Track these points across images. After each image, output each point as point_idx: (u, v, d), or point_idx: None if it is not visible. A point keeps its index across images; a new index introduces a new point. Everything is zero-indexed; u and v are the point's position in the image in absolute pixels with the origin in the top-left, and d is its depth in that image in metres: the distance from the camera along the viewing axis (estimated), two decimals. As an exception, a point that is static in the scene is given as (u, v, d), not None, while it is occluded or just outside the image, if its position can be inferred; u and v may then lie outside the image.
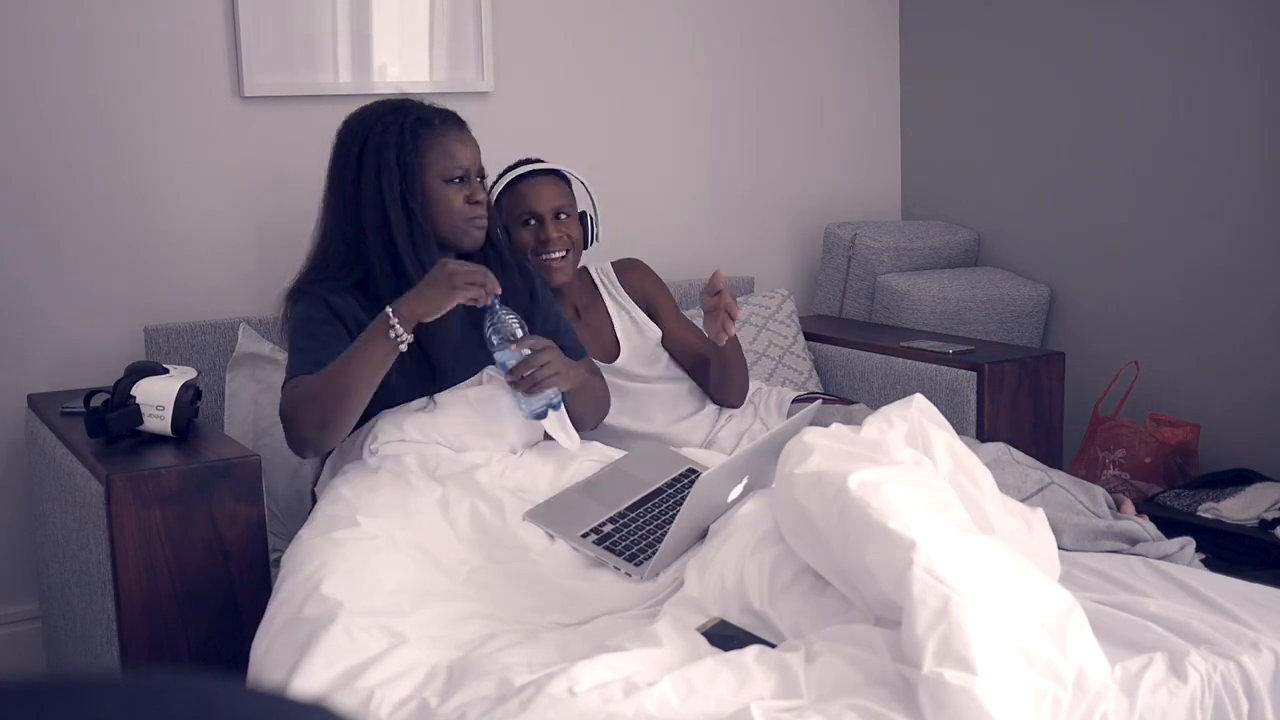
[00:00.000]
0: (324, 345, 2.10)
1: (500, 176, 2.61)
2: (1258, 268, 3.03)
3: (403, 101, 2.24)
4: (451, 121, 2.23)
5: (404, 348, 2.01)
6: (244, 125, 2.87)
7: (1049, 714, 1.49)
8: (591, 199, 2.70)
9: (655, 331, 2.70)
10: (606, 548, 2.00)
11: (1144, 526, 2.35)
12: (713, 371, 2.61)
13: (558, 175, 2.62)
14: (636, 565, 1.95)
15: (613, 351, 2.66)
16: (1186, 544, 2.33)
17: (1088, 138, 3.35)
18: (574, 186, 2.67)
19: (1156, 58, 3.19)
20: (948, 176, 3.72)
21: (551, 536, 2.02)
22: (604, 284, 2.74)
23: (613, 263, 2.80)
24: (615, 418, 2.59)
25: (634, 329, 2.70)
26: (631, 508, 2.08)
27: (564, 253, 2.56)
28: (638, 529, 2.03)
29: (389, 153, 2.15)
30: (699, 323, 2.70)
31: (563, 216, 2.58)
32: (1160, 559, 2.21)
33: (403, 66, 3.05)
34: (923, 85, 3.75)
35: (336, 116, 2.84)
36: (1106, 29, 3.28)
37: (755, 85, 3.55)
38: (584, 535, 2.02)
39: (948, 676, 1.44)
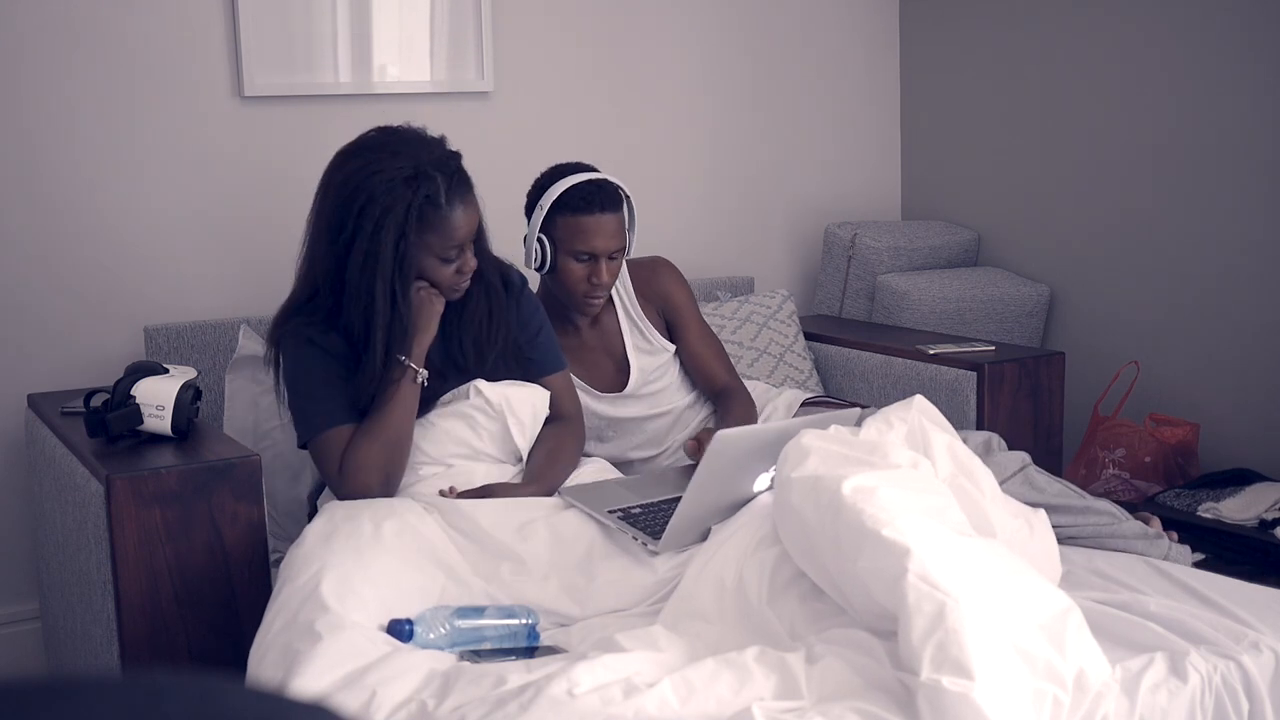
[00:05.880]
0: (337, 391, 2.12)
1: (556, 178, 2.45)
2: (1258, 268, 3.03)
3: (414, 168, 2.05)
4: (457, 192, 2.09)
5: (425, 382, 2.14)
6: (244, 125, 2.87)
7: (1049, 716, 1.49)
8: (632, 213, 2.53)
9: (667, 350, 2.62)
10: (629, 523, 2.03)
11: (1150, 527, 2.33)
12: (719, 419, 2.57)
13: (617, 206, 2.46)
14: (655, 539, 1.98)
15: (622, 367, 2.58)
16: (1176, 545, 2.31)
17: (1088, 138, 3.35)
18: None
19: (1156, 57, 3.18)
20: (948, 176, 3.72)
21: (572, 511, 2.07)
22: (619, 293, 2.61)
23: (629, 263, 2.63)
24: (624, 450, 2.61)
25: (645, 345, 2.61)
26: (665, 501, 2.11)
27: (606, 296, 2.51)
28: (665, 516, 2.04)
29: (388, 241, 2.03)
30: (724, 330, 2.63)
31: (615, 257, 2.46)
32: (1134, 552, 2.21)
33: (403, 66, 3.05)
34: (923, 85, 3.75)
35: (336, 116, 2.85)
36: (1107, 29, 3.28)
37: (755, 85, 3.55)
38: (610, 511, 2.06)
39: (945, 683, 1.44)
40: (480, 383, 2.19)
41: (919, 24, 3.73)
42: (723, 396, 2.61)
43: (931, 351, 2.86)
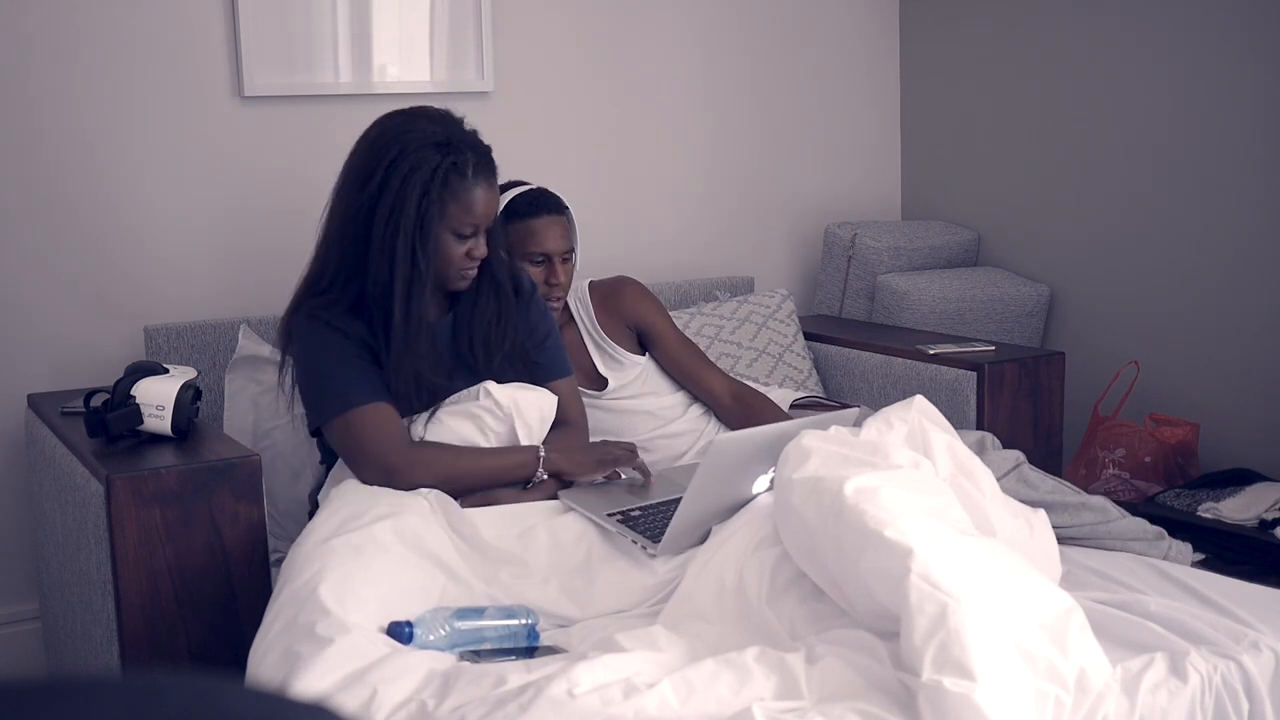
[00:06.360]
0: (364, 370, 2.12)
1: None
2: (1257, 268, 3.03)
3: (448, 136, 2.13)
4: (482, 172, 2.15)
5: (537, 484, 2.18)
6: (244, 125, 2.87)
7: (1051, 716, 1.49)
8: (575, 227, 2.58)
9: (636, 363, 2.64)
10: (628, 526, 2.03)
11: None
12: (737, 421, 2.55)
13: (561, 209, 2.54)
14: (654, 542, 1.98)
15: (591, 376, 2.60)
16: (1177, 544, 2.30)
17: (1088, 138, 3.35)
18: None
19: (1156, 57, 3.18)
20: (948, 176, 3.72)
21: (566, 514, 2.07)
22: (578, 311, 2.65)
23: (591, 284, 2.68)
24: (595, 435, 2.59)
25: (615, 363, 2.63)
26: (664, 504, 2.11)
27: (565, 296, 2.57)
28: (664, 519, 2.04)
29: (413, 195, 2.08)
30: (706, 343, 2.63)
31: (568, 258, 2.54)
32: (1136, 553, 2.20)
33: (403, 66, 3.05)
34: (923, 85, 3.75)
35: (337, 116, 2.85)
36: (1106, 29, 3.28)
37: (755, 85, 3.55)
38: (609, 514, 2.06)
39: (947, 684, 1.44)
40: (490, 384, 2.19)
41: (919, 24, 3.73)
42: (739, 400, 2.61)
43: (931, 351, 2.86)
